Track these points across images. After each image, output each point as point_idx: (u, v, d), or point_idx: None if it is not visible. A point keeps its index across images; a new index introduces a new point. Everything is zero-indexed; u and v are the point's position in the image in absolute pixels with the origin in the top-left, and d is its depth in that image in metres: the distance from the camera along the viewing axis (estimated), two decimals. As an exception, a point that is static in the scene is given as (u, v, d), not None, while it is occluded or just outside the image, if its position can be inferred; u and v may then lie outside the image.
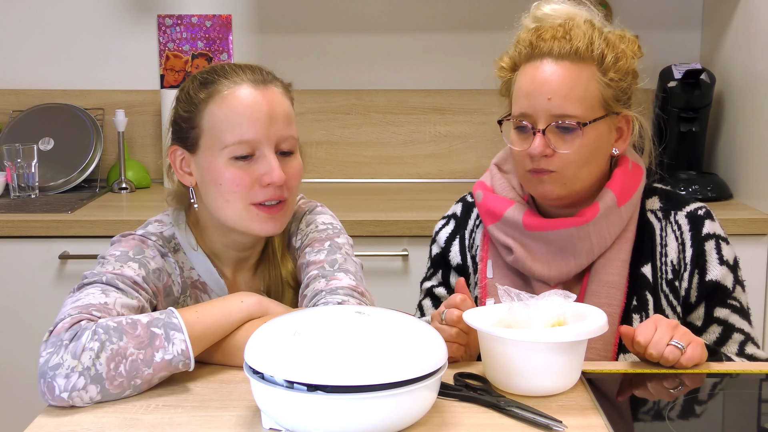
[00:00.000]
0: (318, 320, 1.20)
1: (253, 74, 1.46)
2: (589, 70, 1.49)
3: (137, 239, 1.47)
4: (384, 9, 2.95)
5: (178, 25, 2.95)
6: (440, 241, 1.70)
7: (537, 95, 1.49)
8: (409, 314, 1.69)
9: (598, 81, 1.49)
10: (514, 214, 1.57)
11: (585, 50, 1.49)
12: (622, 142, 1.56)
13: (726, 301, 1.56)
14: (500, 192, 1.62)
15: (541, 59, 1.50)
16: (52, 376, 1.23)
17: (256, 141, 1.42)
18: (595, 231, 1.53)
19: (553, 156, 1.49)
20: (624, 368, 1.41)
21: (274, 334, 1.17)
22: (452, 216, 1.71)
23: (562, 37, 1.49)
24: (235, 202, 1.44)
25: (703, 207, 1.60)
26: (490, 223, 1.61)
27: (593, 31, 1.51)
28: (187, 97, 1.47)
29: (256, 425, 1.19)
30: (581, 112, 1.48)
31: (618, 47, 1.52)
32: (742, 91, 2.62)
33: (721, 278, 1.55)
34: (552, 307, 1.31)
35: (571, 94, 1.47)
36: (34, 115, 2.88)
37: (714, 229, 1.57)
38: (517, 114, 1.52)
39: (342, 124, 2.98)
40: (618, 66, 1.51)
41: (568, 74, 1.48)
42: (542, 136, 1.48)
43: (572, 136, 1.48)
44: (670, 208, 1.59)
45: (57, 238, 2.41)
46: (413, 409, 1.15)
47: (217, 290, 1.53)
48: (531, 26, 1.56)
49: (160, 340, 1.27)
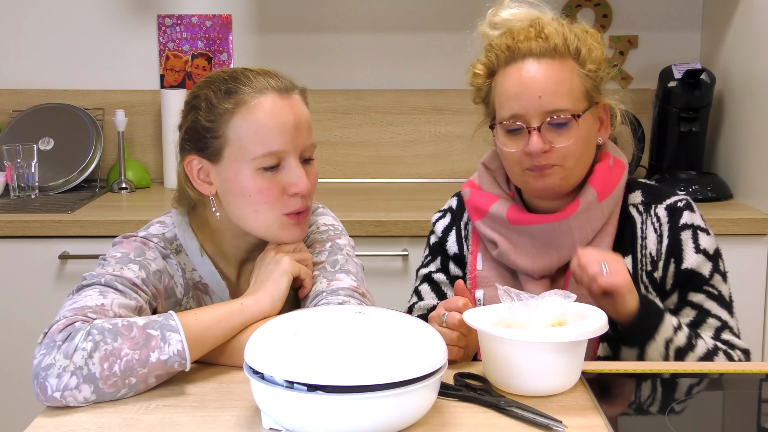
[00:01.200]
0: (318, 320, 1.20)
1: (276, 81, 1.45)
2: (569, 64, 1.53)
3: (139, 241, 1.47)
4: (384, 9, 2.95)
5: (178, 25, 2.95)
6: (437, 231, 1.73)
7: (526, 95, 1.51)
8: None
9: (578, 74, 1.53)
10: (498, 209, 1.61)
11: (562, 46, 1.53)
12: (605, 131, 1.61)
13: (701, 287, 1.57)
14: (486, 189, 1.67)
15: (523, 60, 1.53)
16: (44, 376, 1.23)
17: (283, 152, 1.42)
18: (577, 225, 1.56)
19: (551, 151, 1.51)
20: (624, 368, 1.41)
21: (274, 334, 1.17)
22: (448, 209, 1.76)
23: (537, 36, 1.53)
24: (265, 212, 1.44)
25: (684, 199, 1.61)
26: (476, 219, 1.65)
27: (563, 27, 1.56)
28: (209, 106, 1.43)
29: (256, 425, 1.19)
30: (571, 105, 1.51)
31: (587, 40, 1.56)
32: (742, 91, 2.62)
33: (697, 266, 1.56)
34: (552, 307, 1.31)
35: (560, 90, 1.51)
36: (34, 115, 2.89)
37: (692, 219, 1.59)
38: (508, 116, 1.54)
39: (342, 124, 2.98)
40: (593, 57, 1.55)
41: (552, 71, 1.52)
42: (538, 134, 1.51)
43: (566, 129, 1.51)
44: (650, 201, 1.62)
45: (57, 238, 2.41)
46: (413, 409, 1.15)
47: (219, 292, 1.53)
48: (492, 32, 1.60)
49: (156, 340, 1.27)
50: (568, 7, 2.93)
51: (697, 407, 1.31)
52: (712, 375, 1.39)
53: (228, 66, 2.96)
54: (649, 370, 1.39)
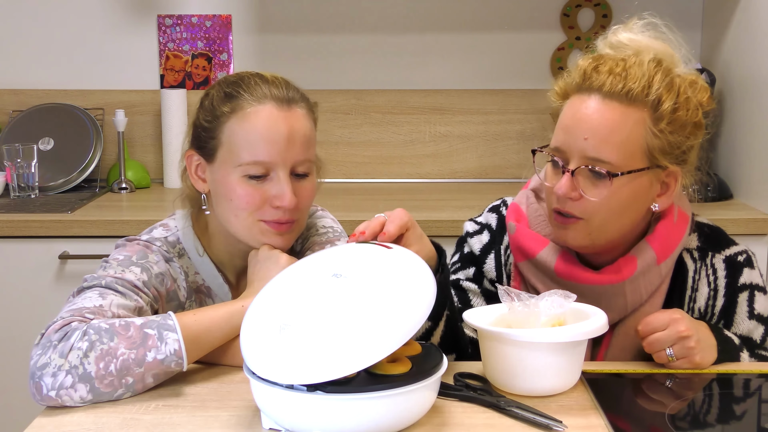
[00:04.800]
0: (318, 319, 1.19)
1: (279, 91, 1.44)
2: (638, 114, 1.34)
3: (142, 244, 1.47)
4: (384, 9, 2.95)
5: (178, 25, 2.95)
6: (474, 247, 1.57)
7: (574, 132, 1.36)
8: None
9: (646, 129, 1.35)
10: (547, 257, 1.45)
11: (639, 92, 1.34)
12: (666, 198, 1.42)
13: (754, 350, 1.48)
14: (535, 227, 1.49)
15: (589, 93, 1.36)
16: (40, 375, 1.23)
17: (271, 163, 1.42)
18: (631, 289, 1.43)
19: (580, 200, 1.36)
20: (624, 368, 1.41)
21: (265, 330, 1.16)
22: (486, 226, 1.58)
23: (618, 73, 1.35)
24: (244, 218, 1.44)
25: (745, 252, 1.49)
26: (521, 260, 1.49)
27: (657, 71, 1.36)
28: (210, 107, 1.46)
29: (256, 425, 1.19)
30: (617, 160, 1.34)
31: (683, 94, 1.37)
32: (742, 91, 2.62)
33: (748, 332, 1.48)
34: (552, 307, 1.30)
35: (611, 138, 1.34)
36: (34, 115, 2.88)
37: (751, 278, 1.48)
38: (553, 147, 1.40)
39: (342, 124, 2.98)
40: (676, 116, 1.36)
41: (611, 115, 1.34)
42: (571, 177, 1.36)
43: (603, 182, 1.35)
44: (708, 249, 1.49)
45: (57, 238, 2.41)
46: (413, 409, 1.15)
47: (221, 295, 1.54)
48: (607, 51, 1.43)
49: (153, 340, 1.27)
50: (568, 7, 2.93)
51: (697, 407, 1.31)
52: (712, 375, 1.39)
53: (228, 66, 2.96)
54: (649, 370, 1.39)
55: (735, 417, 1.30)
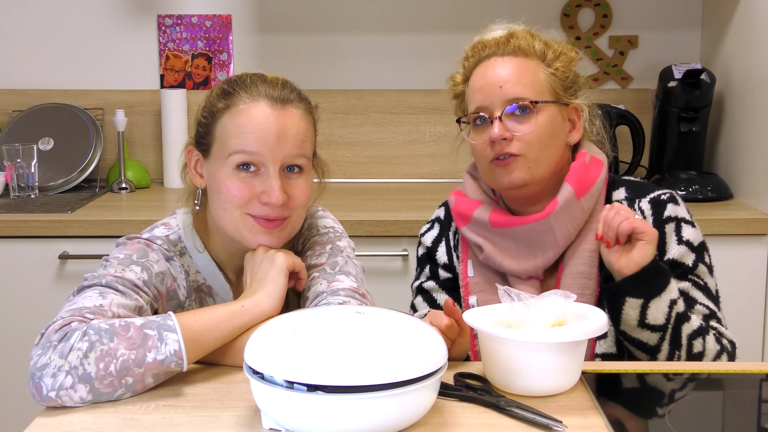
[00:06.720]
0: (318, 320, 1.20)
1: (274, 91, 1.45)
2: (532, 62, 1.59)
3: (142, 243, 1.48)
4: (384, 9, 2.95)
5: (178, 25, 2.95)
6: (426, 242, 1.75)
7: (489, 87, 1.58)
8: (409, 314, 1.71)
9: (543, 71, 1.59)
10: (481, 213, 1.64)
11: (527, 46, 1.59)
12: (576, 132, 1.64)
13: (686, 275, 1.57)
14: (471, 195, 1.70)
15: (488, 59, 1.60)
16: (40, 376, 1.23)
17: (258, 155, 1.42)
18: (557, 224, 1.58)
19: (512, 140, 1.55)
20: (624, 368, 1.41)
21: (274, 334, 1.17)
22: (436, 220, 1.78)
23: (504, 41, 1.61)
24: (231, 211, 1.45)
25: (668, 192, 1.62)
26: (462, 225, 1.68)
27: (532, 37, 1.62)
28: (208, 104, 1.49)
29: (256, 425, 1.19)
30: (532, 95, 1.57)
31: (557, 48, 1.62)
32: (742, 91, 2.62)
33: (679, 257, 1.57)
34: (552, 307, 1.31)
35: (521, 80, 1.57)
36: (34, 115, 2.89)
37: (676, 212, 1.60)
38: (473, 110, 1.60)
39: (342, 124, 2.98)
40: (560, 59, 1.61)
41: (514, 65, 1.58)
42: (500, 122, 1.56)
43: (527, 117, 1.56)
44: (634, 196, 1.63)
45: (57, 238, 2.41)
46: (413, 409, 1.15)
47: (222, 294, 1.54)
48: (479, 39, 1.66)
49: (153, 340, 1.27)
50: (569, 7, 2.93)
51: (697, 407, 1.31)
52: (712, 375, 1.39)
53: (228, 66, 2.96)
54: (649, 370, 1.40)
55: (735, 417, 1.30)
